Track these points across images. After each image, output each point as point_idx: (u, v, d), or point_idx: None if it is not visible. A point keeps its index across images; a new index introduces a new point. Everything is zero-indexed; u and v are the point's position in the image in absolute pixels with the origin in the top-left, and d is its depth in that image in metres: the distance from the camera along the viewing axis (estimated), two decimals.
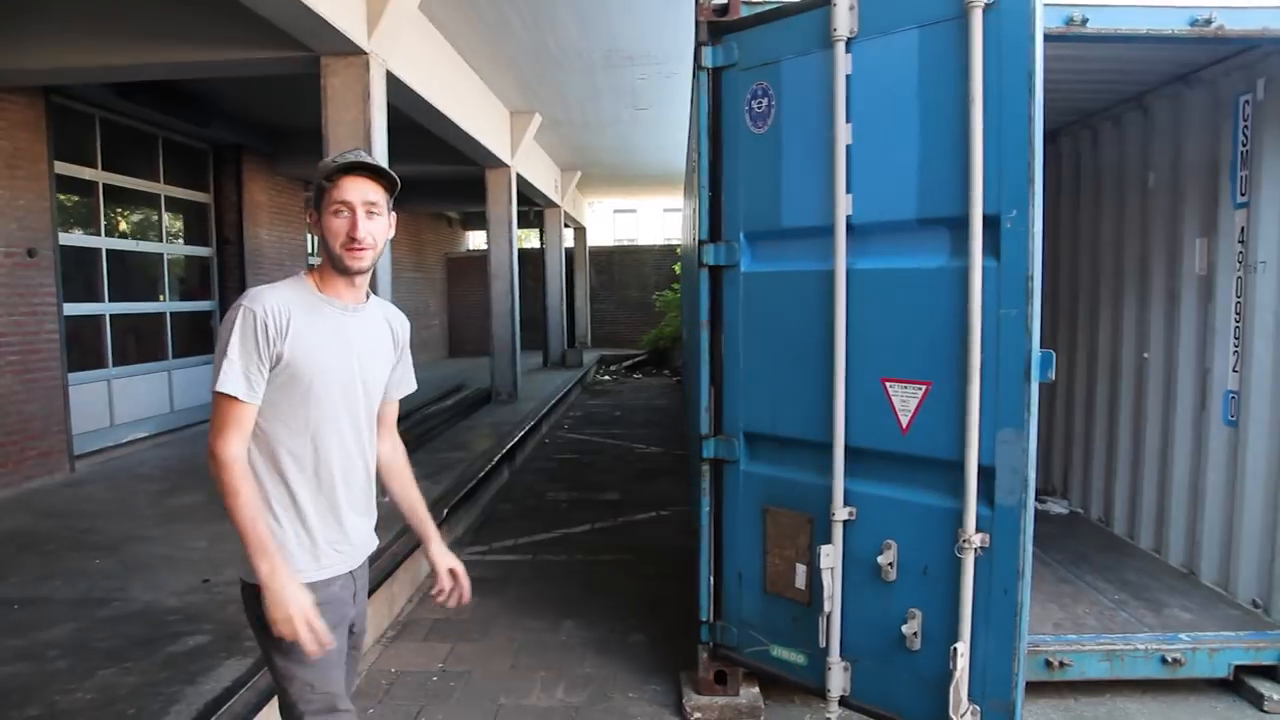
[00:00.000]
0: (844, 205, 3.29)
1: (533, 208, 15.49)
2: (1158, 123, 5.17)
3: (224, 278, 10.70)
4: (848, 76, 3.28)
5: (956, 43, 3.01)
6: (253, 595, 2.16)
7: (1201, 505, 4.74)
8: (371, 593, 4.58)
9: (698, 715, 3.86)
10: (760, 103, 3.60)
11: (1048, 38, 3.69)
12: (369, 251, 2.23)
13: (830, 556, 3.37)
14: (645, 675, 4.28)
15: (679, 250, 19.42)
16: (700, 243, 3.83)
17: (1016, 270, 2.91)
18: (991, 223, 2.96)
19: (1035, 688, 3.96)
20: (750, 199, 3.66)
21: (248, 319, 2.13)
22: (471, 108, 8.83)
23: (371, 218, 2.22)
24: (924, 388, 3.14)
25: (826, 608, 3.39)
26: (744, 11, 3.68)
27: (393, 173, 2.27)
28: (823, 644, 3.44)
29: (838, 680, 3.43)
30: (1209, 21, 3.73)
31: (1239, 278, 4.50)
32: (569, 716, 3.89)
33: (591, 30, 7.66)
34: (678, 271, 18.99)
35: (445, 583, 2.56)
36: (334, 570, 2.33)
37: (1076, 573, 4.86)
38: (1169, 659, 3.96)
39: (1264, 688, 3.95)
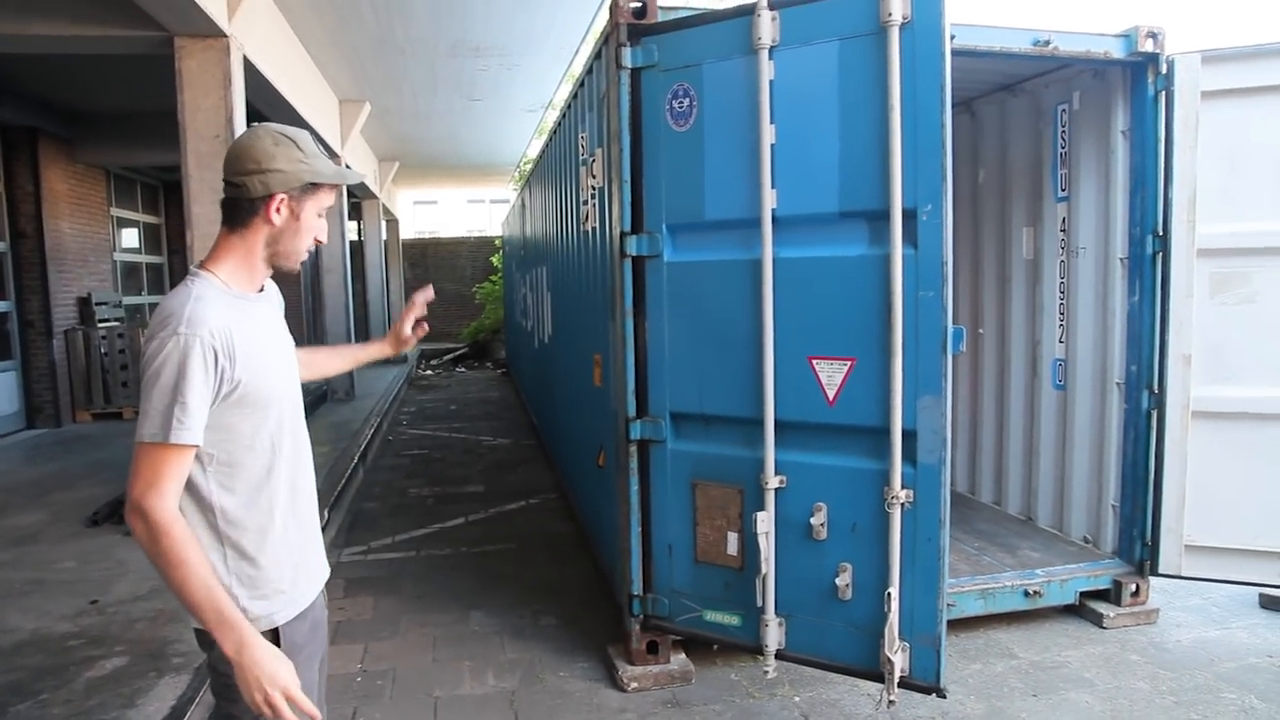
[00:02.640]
0: (770, 199, 3.59)
1: (351, 199, 14.99)
2: (985, 126, 5.85)
3: (20, 275, 9.70)
4: (771, 81, 3.57)
5: (874, 55, 3.36)
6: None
7: (1036, 460, 5.45)
8: None
9: (634, 684, 4.07)
10: (682, 102, 3.83)
11: None
12: None
13: (765, 522, 3.67)
14: (569, 654, 4.43)
15: (499, 242, 19.36)
16: (623, 234, 4.00)
17: (932, 257, 3.30)
18: (910, 215, 3.33)
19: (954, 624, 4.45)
20: (672, 193, 3.88)
21: (195, 351, 1.80)
22: (308, 94, 8.51)
23: None
24: (849, 363, 3.49)
25: (764, 569, 3.69)
26: (661, 16, 3.90)
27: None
28: (759, 604, 3.73)
29: (774, 635, 3.74)
30: (1047, 43, 4.33)
31: (1062, 261, 5.21)
32: (508, 701, 3.98)
33: (444, 20, 7.60)
34: (496, 264, 18.89)
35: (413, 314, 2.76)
36: (316, 589, 2.17)
37: None
38: (1030, 592, 4.57)
39: (1102, 608, 4.65)
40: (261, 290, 2.08)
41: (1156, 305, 4.52)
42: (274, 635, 1.99)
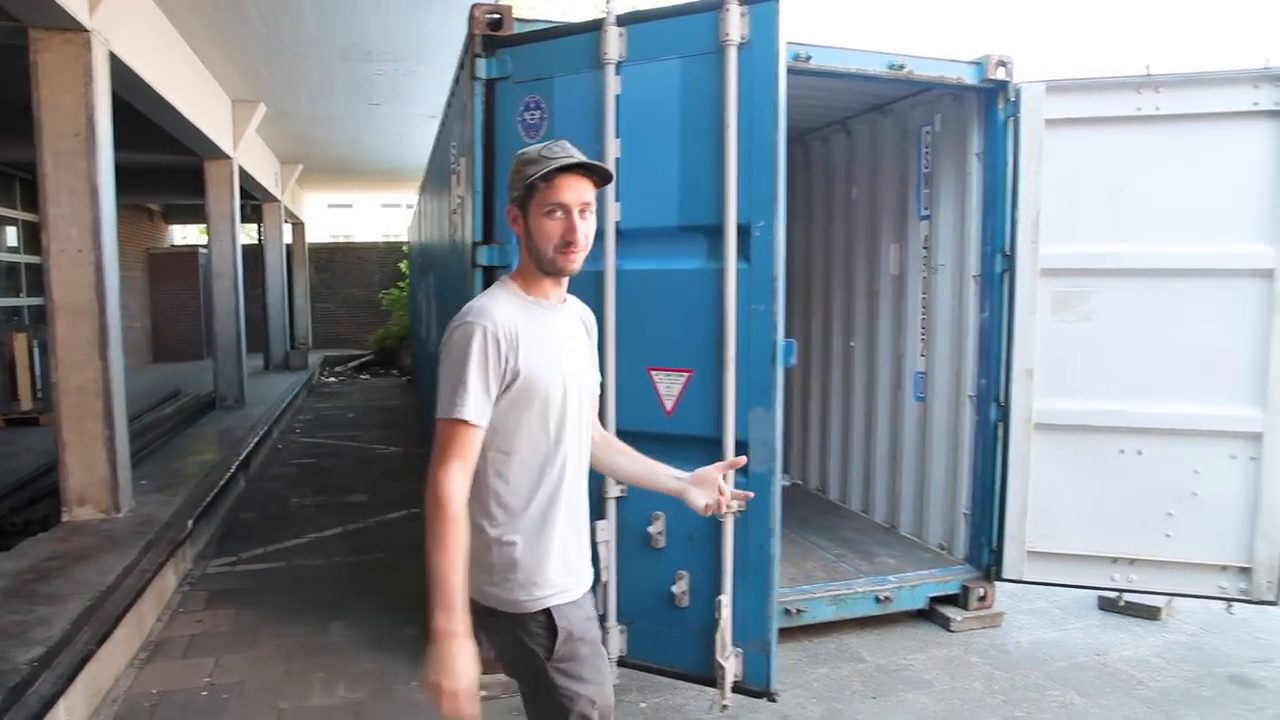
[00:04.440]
0: (612, 212, 3.64)
1: (250, 201, 14.64)
2: (858, 144, 6.02)
3: None
4: (617, 96, 3.63)
5: (713, 73, 3.45)
6: (517, 624, 2.08)
7: (899, 470, 5.61)
8: (121, 616, 4.36)
9: (483, 692, 4.07)
10: (533, 114, 3.86)
11: None
12: (582, 253, 2.11)
13: (605, 530, 3.72)
14: (423, 665, 4.39)
15: (406, 249, 19.11)
16: (474, 244, 4.02)
17: (764, 271, 3.40)
18: (744, 231, 3.42)
19: (778, 633, 4.55)
20: None
21: (481, 337, 2.00)
22: (194, 94, 8.31)
23: (585, 218, 2.09)
24: (686, 375, 3.57)
25: (604, 578, 3.73)
26: (517, 28, 3.93)
27: (607, 168, 2.15)
28: (600, 611, 3.77)
29: (615, 643, 3.78)
30: (902, 67, 4.48)
31: (924, 278, 5.38)
32: (355, 712, 3.94)
33: (333, 24, 7.51)
34: (404, 270, 18.65)
35: (722, 497, 2.35)
36: (583, 587, 2.23)
37: (803, 534, 5.57)
38: (881, 597, 4.70)
39: (950, 612, 4.80)
40: (564, 303, 2.22)
41: (1004, 321, 4.70)
42: (546, 615, 2.10)
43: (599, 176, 2.12)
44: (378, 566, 5.87)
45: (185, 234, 24.65)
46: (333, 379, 16.73)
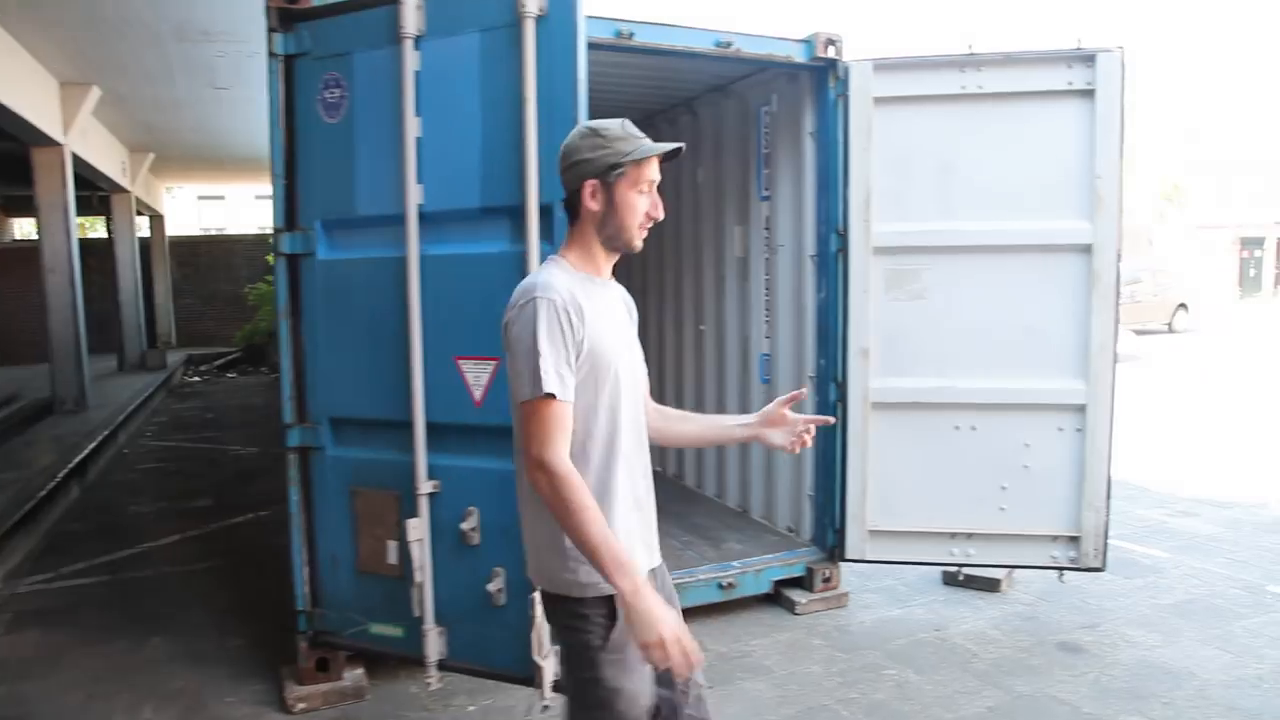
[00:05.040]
0: (415, 194, 3.44)
1: (96, 193, 13.77)
2: (703, 125, 5.94)
3: None
4: (416, 72, 3.43)
5: (513, 47, 3.27)
6: (578, 610, 2.06)
7: (749, 455, 5.56)
8: None
9: (301, 705, 3.83)
10: (333, 93, 3.63)
11: (602, 47, 4.20)
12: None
13: (417, 529, 3.52)
14: (245, 679, 4.14)
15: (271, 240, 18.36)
16: (276, 231, 3.78)
17: None
18: (546, 211, 3.27)
19: None
20: (325, 188, 3.70)
21: (550, 310, 1.97)
22: (10, 75, 7.71)
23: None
24: (494, 363, 3.39)
25: (417, 578, 3.54)
26: (316, 1, 3.68)
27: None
28: (417, 613, 3.59)
29: (434, 645, 3.59)
30: (729, 45, 4.39)
31: (767, 259, 5.33)
32: None
33: (159, 1, 7.05)
34: (271, 262, 17.84)
35: (796, 433, 2.37)
36: (646, 565, 2.18)
37: None
38: (724, 584, 4.63)
39: (796, 595, 4.77)
40: (610, 279, 2.22)
41: (840, 301, 4.67)
42: (609, 601, 2.04)
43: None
44: (212, 575, 5.53)
45: (27, 227, 23.11)
46: (196, 378, 15.92)
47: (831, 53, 4.57)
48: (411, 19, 3.42)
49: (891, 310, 4.61)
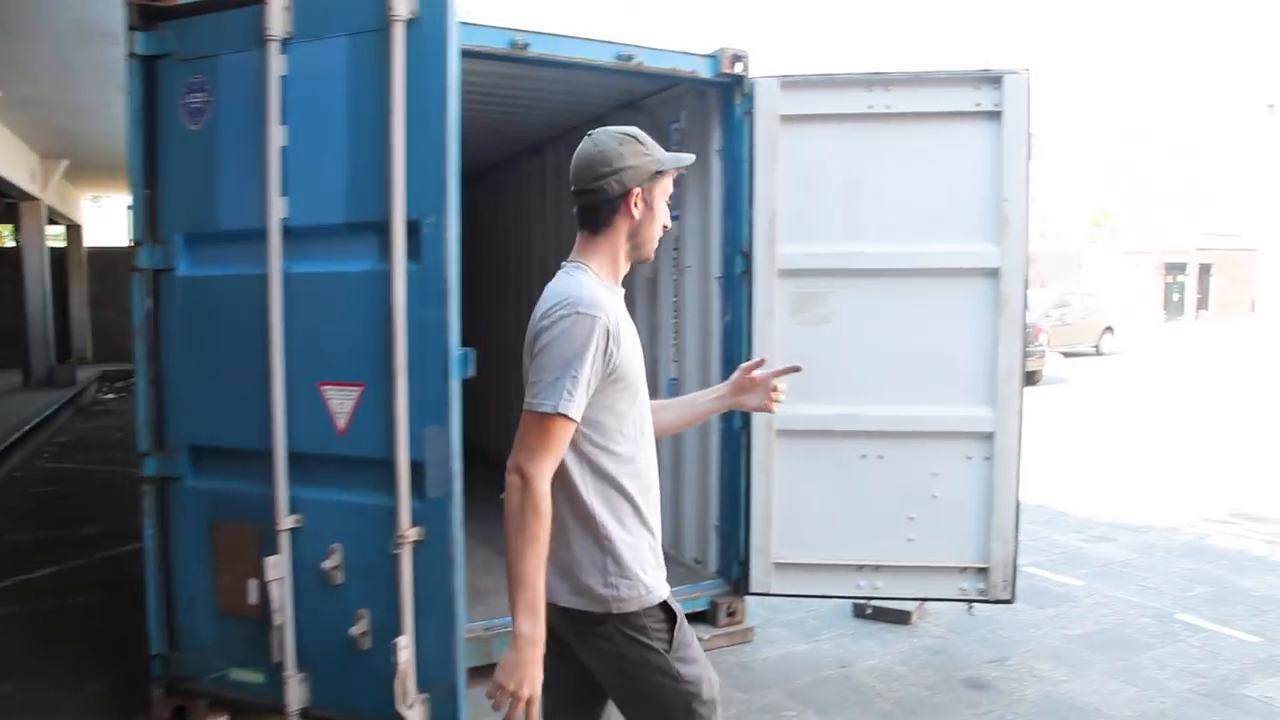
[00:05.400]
0: (278, 208, 3.22)
1: (2, 200, 13.14)
2: None
3: None
4: (282, 77, 3.22)
5: (381, 53, 3.07)
6: (632, 623, 2.03)
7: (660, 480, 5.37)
8: None
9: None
10: (197, 97, 3.40)
11: (496, 58, 4.03)
12: None
13: (276, 567, 3.28)
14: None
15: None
16: (135, 244, 3.52)
17: (435, 273, 3.05)
18: (414, 228, 3.07)
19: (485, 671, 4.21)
20: (188, 199, 3.46)
21: (600, 332, 1.94)
22: None
23: None
24: (358, 389, 3.18)
25: (276, 620, 3.29)
26: None
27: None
28: (277, 658, 3.33)
29: (295, 693, 3.34)
30: (630, 58, 4.24)
31: (675, 281, 5.17)
32: None
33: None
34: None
35: (767, 393, 2.44)
36: (666, 583, 2.17)
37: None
38: None
39: (699, 631, 4.56)
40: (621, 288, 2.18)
41: (745, 324, 4.52)
42: (665, 605, 2.09)
43: None
44: (86, 611, 5.18)
45: None
46: (110, 395, 15.27)
47: (739, 69, 4.44)
48: (277, 20, 3.20)
49: (797, 334, 4.46)
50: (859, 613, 4.98)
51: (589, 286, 2.00)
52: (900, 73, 4.38)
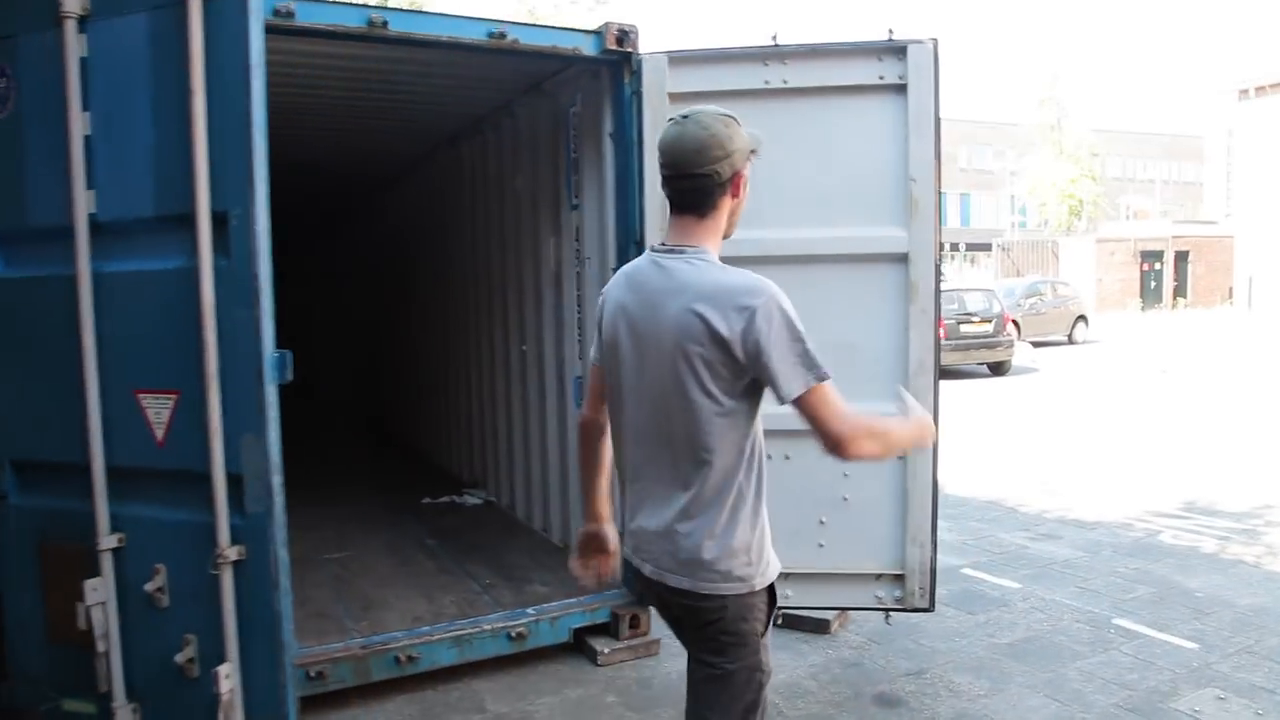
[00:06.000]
0: (84, 201, 2.95)
1: None
2: (521, 129, 5.51)
3: None
4: (83, 59, 2.95)
5: (182, 30, 2.81)
6: (745, 603, 2.08)
7: (569, 485, 5.11)
8: None
9: None
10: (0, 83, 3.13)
11: (354, 37, 3.76)
12: None
13: (99, 590, 3.02)
14: None
15: None
16: None
17: (244, 269, 2.79)
18: (220, 220, 2.81)
19: (390, 685, 3.96)
20: None
21: (789, 303, 2.01)
22: None
23: None
24: (174, 397, 2.92)
25: (100, 647, 3.03)
26: None
27: None
28: (104, 688, 3.07)
29: None
30: (503, 35, 3.96)
31: (578, 273, 4.91)
32: None
33: None
34: None
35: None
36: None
37: (461, 562, 5.00)
38: (514, 634, 4.16)
39: (600, 644, 4.31)
40: None
41: None
42: (771, 590, 2.15)
43: None
44: None
45: None
46: None
47: (625, 45, 4.17)
48: None
49: None
50: (779, 622, 4.71)
51: (748, 272, 2.05)
52: (797, 45, 4.12)
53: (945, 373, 16.92)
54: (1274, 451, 8.96)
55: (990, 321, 15.72)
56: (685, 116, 2.05)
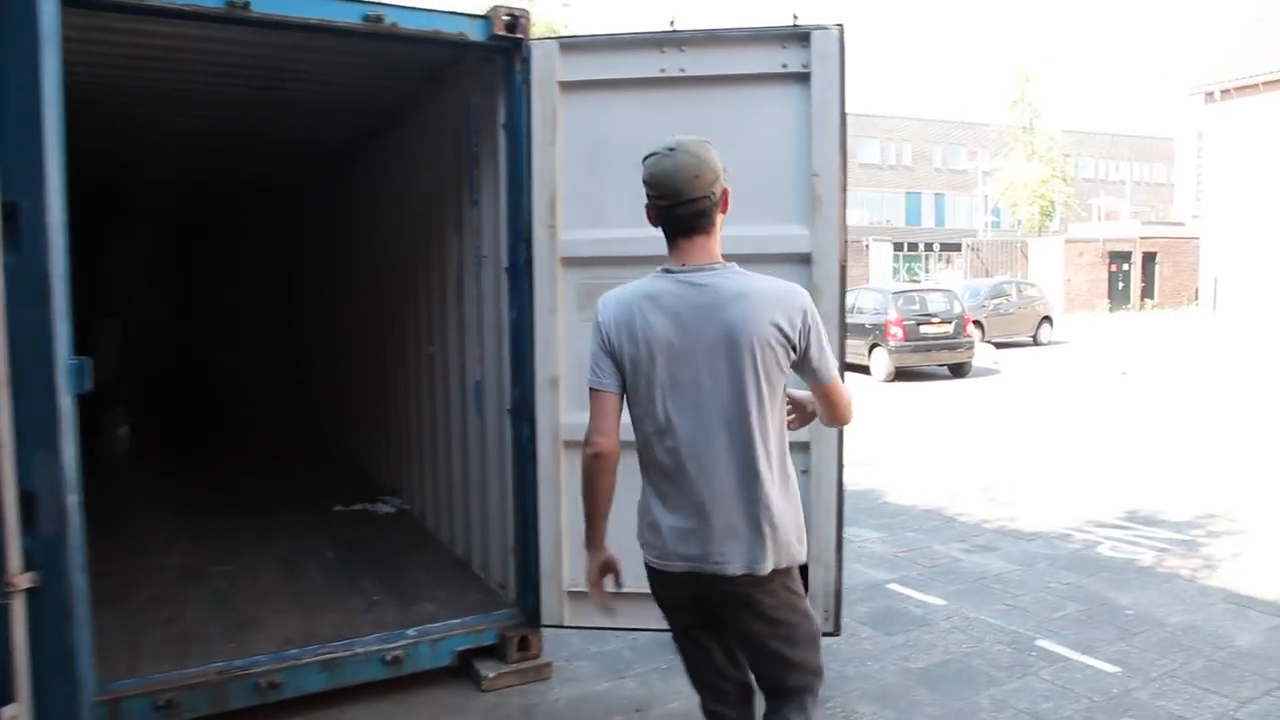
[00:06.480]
0: None
1: None
2: (428, 122, 5.25)
3: None
4: None
5: None
6: (793, 576, 2.36)
7: (470, 496, 4.85)
8: None
9: None
10: None
11: (211, 18, 3.49)
12: None
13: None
14: None
15: None
16: None
17: (35, 266, 2.51)
18: (10, 211, 2.53)
19: (253, 714, 3.68)
20: None
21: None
22: None
23: None
24: None
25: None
26: None
27: None
28: None
29: None
30: (380, 19, 3.70)
31: (477, 273, 4.65)
32: None
33: None
34: None
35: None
36: None
37: (354, 577, 4.74)
38: (389, 658, 3.89)
39: (485, 668, 4.04)
40: None
41: (529, 320, 4.00)
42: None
43: None
44: None
45: None
46: None
47: (514, 32, 3.91)
48: None
49: (587, 332, 3.93)
50: None
51: (773, 278, 2.34)
52: (695, 31, 3.87)
53: (905, 374, 16.87)
54: (1223, 458, 8.81)
55: (950, 323, 15.56)
56: (671, 149, 2.25)
